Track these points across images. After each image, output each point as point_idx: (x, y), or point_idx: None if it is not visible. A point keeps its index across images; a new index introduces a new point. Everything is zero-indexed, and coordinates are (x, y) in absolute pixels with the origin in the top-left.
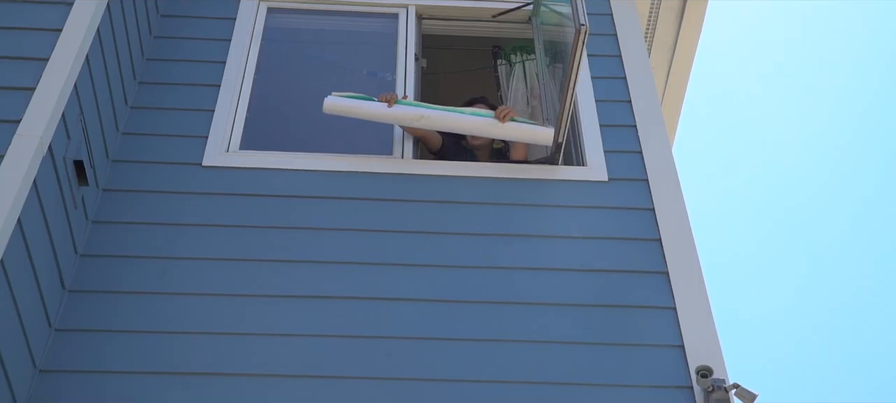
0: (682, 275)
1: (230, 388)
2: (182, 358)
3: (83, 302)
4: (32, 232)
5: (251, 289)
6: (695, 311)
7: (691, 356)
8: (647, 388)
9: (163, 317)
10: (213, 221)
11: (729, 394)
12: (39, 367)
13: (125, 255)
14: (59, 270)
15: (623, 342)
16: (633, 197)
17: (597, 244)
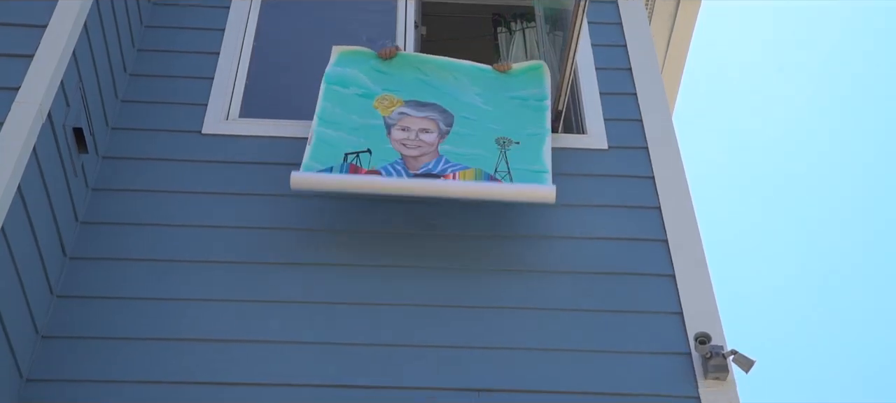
0: (681, 243)
1: (231, 355)
2: (183, 325)
3: (84, 268)
4: (33, 199)
5: (251, 257)
6: (694, 278)
7: (690, 323)
8: (645, 355)
9: (164, 284)
10: (213, 189)
11: (727, 361)
12: (42, 333)
13: (125, 223)
14: (60, 237)
15: (622, 309)
16: (632, 165)
17: (596, 212)
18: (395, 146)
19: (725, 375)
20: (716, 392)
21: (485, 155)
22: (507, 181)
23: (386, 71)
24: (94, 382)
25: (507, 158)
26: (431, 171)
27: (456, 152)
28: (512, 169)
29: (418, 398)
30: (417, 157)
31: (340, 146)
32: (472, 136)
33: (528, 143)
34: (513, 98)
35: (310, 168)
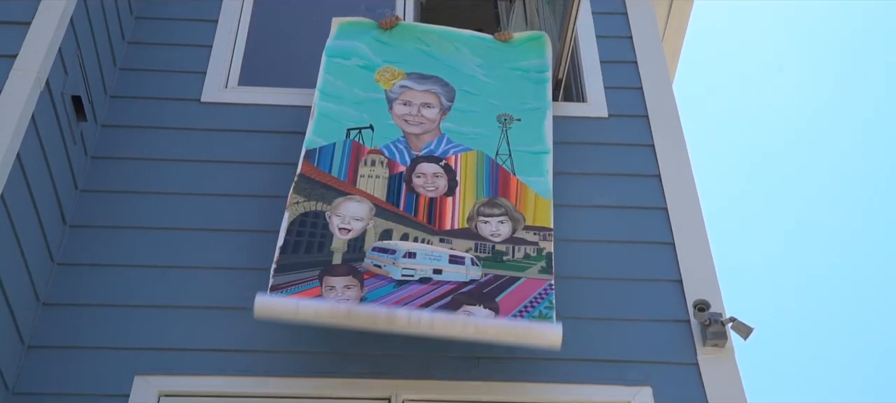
0: (680, 211)
1: (232, 321)
2: (183, 293)
3: (84, 236)
4: (32, 167)
5: (250, 225)
6: (693, 246)
7: (689, 290)
8: (645, 322)
9: (163, 252)
10: (212, 157)
11: (726, 328)
12: (43, 300)
13: (125, 191)
14: (59, 205)
15: (621, 276)
16: (632, 133)
17: (596, 180)
18: (397, 122)
19: (724, 342)
20: (714, 359)
21: (486, 134)
22: (507, 165)
23: (387, 42)
24: (96, 348)
25: (509, 139)
26: (434, 153)
27: (458, 131)
28: (513, 151)
29: (417, 370)
30: (419, 135)
31: (343, 120)
32: (474, 113)
33: (529, 120)
34: (514, 69)
35: (313, 143)
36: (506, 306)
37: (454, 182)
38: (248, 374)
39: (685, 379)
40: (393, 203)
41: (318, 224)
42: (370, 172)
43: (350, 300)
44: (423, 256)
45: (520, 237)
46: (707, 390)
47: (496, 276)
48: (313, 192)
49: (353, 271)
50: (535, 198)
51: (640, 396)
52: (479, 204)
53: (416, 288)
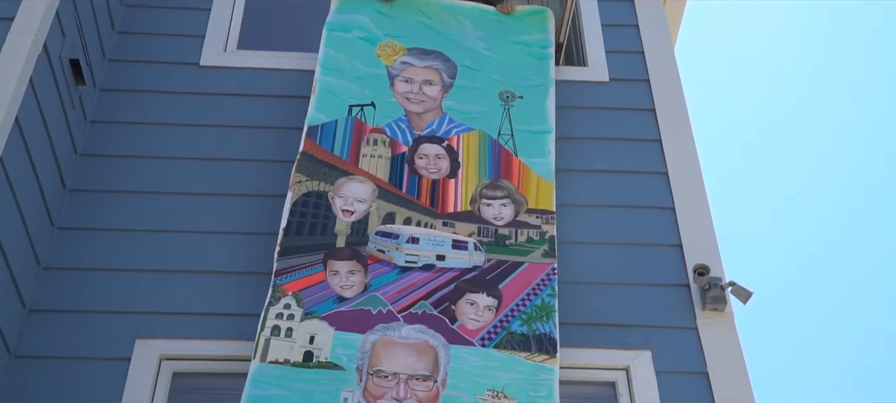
0: (681, 176)
1: (229, 285)
2: (182, 257)
3: (84, 200)
4: (31, 130)
5: (250, 189)
6: (693, 211)
7: (689, 255)
8: (645, 286)
9: (164, 216)
10: (211, 121)
11: (725, 292)
12: (43, 265)
13: (124, 155)
14: (59, 169)
15: (621, 241)
16: (633, 97)
17: (597, 144)
18: (399, 100)
19: (723, 306)
20: (714, 323)
21: (488, 113)
22: (509, 146)
23: (388, 14)
24: (97, 312)
25: (511, 117)
26: (436, 133)
27: (460, 110)
28: (515, 130)
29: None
30: (421, 114)
31: (345, 96)
32: (476, 90)
33: (531, 97)
34: (516, 43)
35: (315, 120)
36: (509, 293)
37: (456, 163)
38: (249, 338)
39: (684, 343)
40: (395, 185)
41: (321, 204)
42: (372, 152)
43: (354, 286)
44: (427, 241)
45: (522, 220)
46: (706, 354)
47: (499, 262)
48: (316, 171)
49: (357, 255)
50: (537, 181)
51: (639, 360)
52: (482, 186)
53: (420, 275)
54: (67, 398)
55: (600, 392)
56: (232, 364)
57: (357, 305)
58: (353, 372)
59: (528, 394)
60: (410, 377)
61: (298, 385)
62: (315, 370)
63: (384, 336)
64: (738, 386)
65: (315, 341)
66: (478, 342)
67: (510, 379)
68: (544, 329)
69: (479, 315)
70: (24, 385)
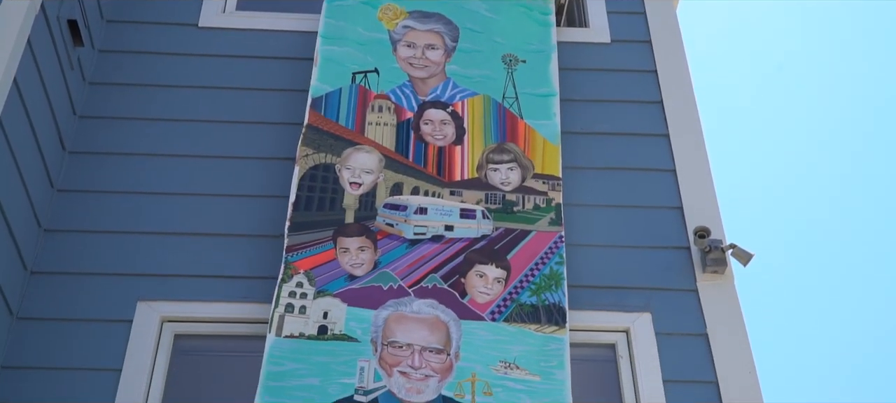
0: (682, 138)
1: (232, 246)
2: (183, 219)
3: (84, 162)
4: (29, 92)
5: (250, 152)
6: (694, 173)
7: (690, 217)
8: (645, 249)
9: (163, 178)
10: (211, 83)
11: (725, 254)
12: (44, 227)
13: (124, 117)
14: (58, 131)
15: (622, 204)
16: (635, 59)
17: (597, 106)
18: (402, 65)
19: (723, 269)
20: (714, 285)
21: (492, 76)
22: (514, 109)
23: None
24: (99, 274)
25: (515, 81)
26: (440, 98)
27: (463, 74)
28: (519, 93)
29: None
30: (425, 80)
31: (347, 63)
32: (479, 54)
33: (534, 61)
34: (517, 5)
35: (318, 91)
36: (517, 264)
37: (462, 129)
38: (250, 300)
39: (684, 305)
40: (402, 153)
41: (328, 178)
42: (378, 119)
43: (364, 264)
44: (435, 211)
45: (529, 186)
46: (706, 316)
47: (507, 231)
48: (322, 144)
49: (366, 231)
50: (543, 144)
51: (639, 322)
52: (488, 150)
53: (429, 247)
54: (69, 360)
55: (600, 353)
56: (234, 327)
57: (368, 282)
58: (368, 344)
59: (540, 364)
60: (424, 348)
61: (315, 357)
62: (330, 342)
63: (396, 312)
64: (738, 348)
65: (329, 316)
66: (488, 316)
67: (521, 351)
68: (553, 298)
69: (488, 287)
70: (26, 347)
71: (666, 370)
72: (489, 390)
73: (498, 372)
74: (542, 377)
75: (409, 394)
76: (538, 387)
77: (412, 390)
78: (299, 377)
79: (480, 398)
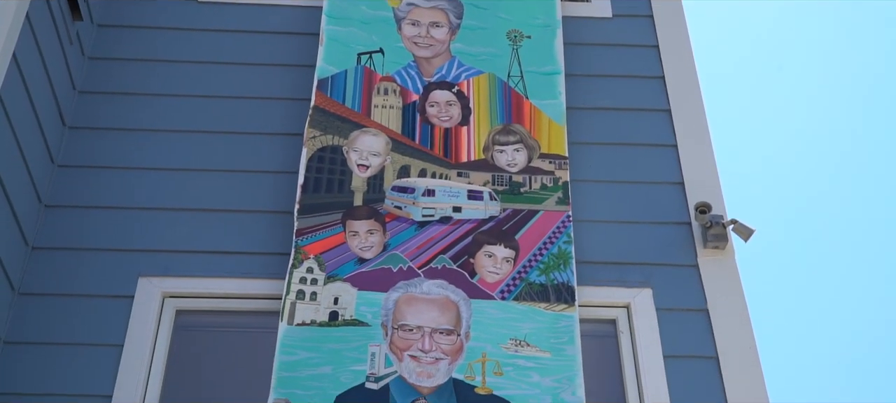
0: (684, 113)
1: (233, 222)
2: (184, 195)
3: (84, 138)
4: (29, 67)
5: (251, 127)
6: (695, 149)
7: (691, 192)
8: (646, 224)
9: (165, 154)
10: (211, 58)
11: (726, 230)
12: (45, 203)
13: (124, 92)
14: (58, 107)
15: (623, 179)
16: (637, 33)
17: (599, 81)
18: (407, 44)
19: (724, 244)
20: (714, 260)
21: (497, 54)
22: (520, 88)
23: None
24: (100, 250)
25: (520, 58)
26: (445, 78)
27: (468, 53)
28: (524, 71)
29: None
30: (430, 59)
31: (352, 44)
32: (484, 31)
33: (539, 37)
34: None
35: (324, 72)
36: (526, 243)
37: (468, 110)
38: (251, 276)
39: (685, 281)
40: (408, 135)
41: (336, 160)
42: (384, 102)
43: (373, 247)
44: (442, 193)
45: (536, 166)
46: (707, 291)
47: (515, 211)
48: (329, 125)
49: (375, 214)
50: (548, 124)
51: (640, 297)
52: (494, 132)
53: (437, 229)
54: (71, 335)
55: (601, 329)
56: (235, 302)
57: (378, 265)
58: (379, 328)
59: (550, 341)
60: (434, 330)
61: (327, 345)
62: (341, 328)
63: (406, 293)
64: (739, 324)
65: (339, 301)
66: (498, 295)
67: (532, 328)
68: (562, 278)
69: (497, 267)
70: (28, 322)
71: (666, 345)
72: (500, 369)
73: (508, 350)
74: (553, 353)
75: (419, 379)
76: (549, 364)
77: (423, 374)
78: (312, 366)
79: (491, 378)
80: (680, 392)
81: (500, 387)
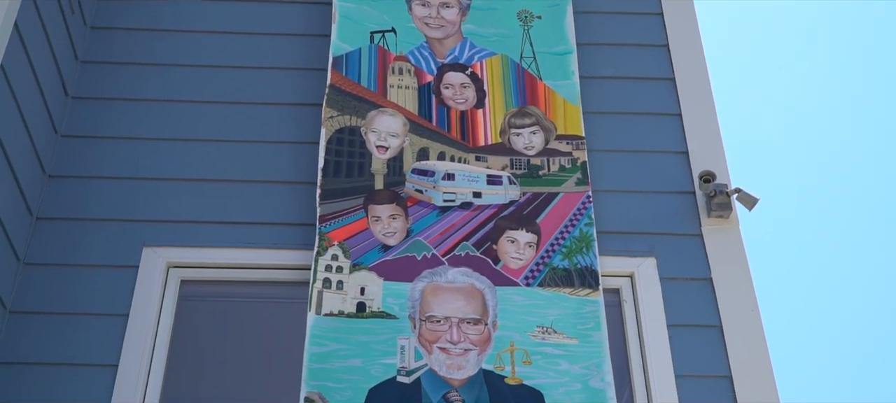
0: (688, 82)
1: (239, 191)
2: (189, 165)
3: (87, 108)
4: (30, 37)
5: (256, 97)
6: (700, 118)
7: (695, 161)
8: (650, 193)
9: (169, 124)
10: (216, 27)
11: (730, 199)
12: (49, 173)
13: (127, 62)
14: (60, 76)
15: (627, 148)
16: (641, 1)
17: (602, 50)
18: (418, 25)
19: (728, 213)
20: (718, 229)
21: (508, 35)
22: (533, 69)
23: None
24: (104, 220)
25: (531, 38)
26: (458, 59)
27: (480, 33)
28: (537, 52)
29: None
30: (442, 40)
31: (364, 21)
32: (494, 11)
33: (549, 16)
34: None
35: (339, 50)
36: (547, 227)
37: (482, 92)
38: (256, 246)
39: (689, 250)
40: (425, 117)
41: (355, 141)
42: (399, 82)
43: (396, 232)
44: (462, 178)
45: (553, 148)
46: (711, 261)
47: (535, 194)
48: (346, 105)
49: (397, 198)
50: (563, 104)
51: (643, 267)
52: (510, 115)
53: (459, 215)
54: (76, 305)
55: (605, 298)
56: (240, 272)
57: (401, 252)
58: (407, 320)
59: (577, 327)
60: (462, 320)
61: (355, 337)
62: (369, 320)
63: (432, 283)
64: (743, 293)
65: (366, 292)
66: (522, 281)
67: (558, 315)
68: (585, 261)
69: (520, 252)
70: (33, 292)
71: (670, 314)
72: (528, 358)
73: (535, 338)
74: (580, 340)
75: (450, 371)
76: (577, 351)
77: (453, 366)
78: (342, 358)
79: (520, 367)
80: (684, 361)
81: (530, 376)
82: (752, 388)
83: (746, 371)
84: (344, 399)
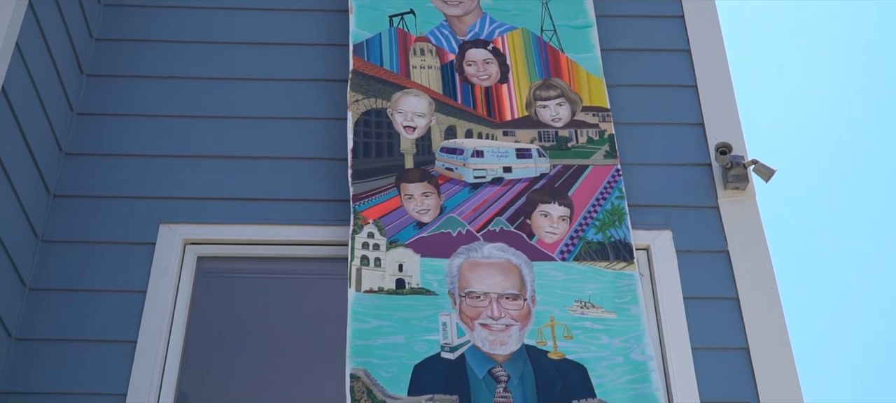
0: (704, 53)
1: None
2: (206, 141)
3: (103, 85)
4: (45, 15)
5: (274, 73)
6: (716, 89)
7: (711, 133)
8: (666, 166)
9: (185, 101)
10: (232, 3)
11: (747, 171)
12: (65, 151)
13: (142, 39)
14: (75, 54)
15: (643, 120)
16: None
17: (617, 22)
18: (436, 3)
19: (745, 185)
20: (735, 201)
21: (527, 9)
22: (554, 42)
23: None
24: (120, 197)
25: (551, 12)
26: (479, 36)
27: (499, 8)
28: (557, 26)
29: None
30: (461, 17)
31: (382, 6)
32: None
33: None
34: None
35: (358, 37)
36: (579, 200)
37: (505, 67)
38: (273, 222)
39: (705, 222)
40: (449, 96)
41: (382, 123)
42: (421, 62)
43: (430, 210)
44: (491, 154)
45: (580, 119)
46: (727, 233)
47: (565, 167)
48: (370, 88)
49: (428, 176)
50: (587, 77)
51: (660, 240)
52: (535, 87)
53: (491, 190)
54: (93, 282)
55: None
56: (256, 248)
57: (436, 229)
58: (446, 297)
59: (614, 301)
60: (501, 295)
61: (397, 313)
62: (409, 296)
63: (468, 258)
64: (759, 265)
65: (404, 268)
66: (557, 256)
67: (595, 289)
68: (618, 235)
69: (554, 226)
70: (51, 269)
71: (686, 287)
72: (569, 333)
73: (574, 313)
74: (618, 314)
75: (493, 347)
76: (615, 325)
77: (496, 342)
78: (384, 334)
79: (562, 342)
80: (700, 334)
81: (572, 351)
82: (770, 360)
83: (763, 343)
84: (389, 375)
